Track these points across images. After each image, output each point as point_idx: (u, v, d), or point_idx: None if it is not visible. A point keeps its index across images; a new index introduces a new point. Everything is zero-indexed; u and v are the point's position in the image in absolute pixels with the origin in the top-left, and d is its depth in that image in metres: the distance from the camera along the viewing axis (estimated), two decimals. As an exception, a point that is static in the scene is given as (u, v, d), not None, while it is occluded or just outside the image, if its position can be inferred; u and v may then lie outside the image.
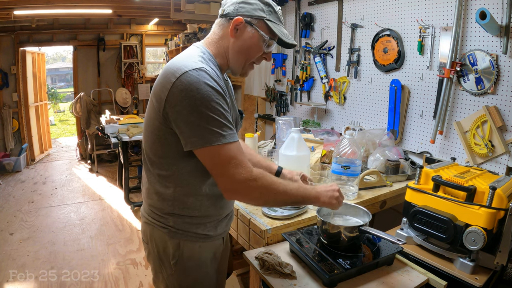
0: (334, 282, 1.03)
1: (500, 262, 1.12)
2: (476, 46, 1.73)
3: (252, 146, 2.04)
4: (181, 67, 0.91)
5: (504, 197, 1.10)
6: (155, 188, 1.05)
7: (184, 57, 0.97)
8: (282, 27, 1.05)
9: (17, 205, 3.91)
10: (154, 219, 1.07)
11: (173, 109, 0.90)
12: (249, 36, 1.01)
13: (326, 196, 1.08)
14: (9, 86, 5.21)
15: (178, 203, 1.03)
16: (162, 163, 1.01)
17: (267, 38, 1.01)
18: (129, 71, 6.01)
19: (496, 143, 1.66)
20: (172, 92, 0.89)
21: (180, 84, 0.88)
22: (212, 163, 0.93)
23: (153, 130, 0.98)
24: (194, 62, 0.93)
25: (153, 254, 1.10)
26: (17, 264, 2.68)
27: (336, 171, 1.48)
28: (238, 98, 4.35)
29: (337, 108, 2.70)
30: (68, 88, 15.66)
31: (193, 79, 0.89)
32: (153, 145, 1.01)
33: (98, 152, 5.35)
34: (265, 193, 0.96)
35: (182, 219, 1.05)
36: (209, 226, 1.08)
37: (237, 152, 0.92)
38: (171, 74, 0.90)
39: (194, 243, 1.07)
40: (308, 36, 2.89)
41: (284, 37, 1.03)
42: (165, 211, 1.05)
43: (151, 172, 1.05)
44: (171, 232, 1.05)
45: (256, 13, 1.00)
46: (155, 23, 6.02)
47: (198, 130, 0.89)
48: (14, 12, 4.15)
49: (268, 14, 1.01)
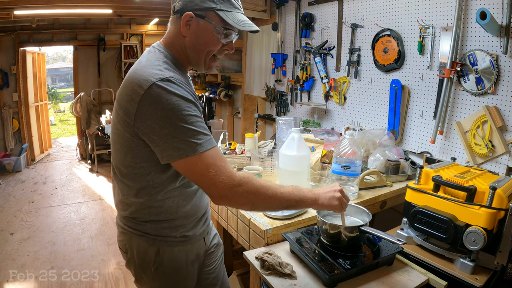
0: (334, 282, 1.03)
1: (500, 262, 1.12)
2: (476, 46, 1.73)
3: (252, 146, 2.04)
4: (147, 77, 0.87)
5: (504, 197, 1.10)
6: (129, 199, 1.02)
7: (148, 64, 0.92)
8: (238, 13, 0.98)
9: (17, 205, 3.91)
10: (131, 228, 1.05)
11: (144, 123, 0.87)
12: (202, 29, 0.95)
13: (325, 198, 1.03)
14: (10, 86, 5.21)
15: (154, 209, 1.01)
16: (136, 174, 0.98)
17: (221, 29, 0.95)
18: (129, 71, 6.00)
19: (496, 143, 1.66)
20: (141, 105, 0.86)
21: (149, 97, 0.85)
22: (192, 173, 0.90)
23: (124, 142, 0.95)
24: (159, 70, 0.89)
25: (133, 262, 1.08)
26: (17, 264, 2.68)
27: (336, 171, 1.48)
28: (238, 98, 4.35)
29: (337, 108, 2.70)
30: (68, 88, 15.67)
31: (161, 91, 0.85)
32: (125, 158, 0.97)
33: (98, 152, 5.35)
34: (252, 198, 0.92)
35: (160, 224, 1.03)
36: (187, 227, 1.07)
37: (216, 158, 0.89)
38: (138, 86, 0.86)
39: (173, 247, 1.06)
40: (308, 36, 2.89)
41: (239, 25, 0.96)
42: (142, 219, 1.03)
43: (124, 183, 1.01)
44: (150, 239, 1.03)
45: (205, 4, 0.93)
46: (155, 23, 6.02)
47: (173, 143, 0.86)
48: (14, 12, 4.15)
49: (219, 4, 0.94)
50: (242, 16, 0.99)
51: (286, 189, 0.98)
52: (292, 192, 0.99)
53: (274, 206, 0.99)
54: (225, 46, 1.01)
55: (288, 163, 1.52)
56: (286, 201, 0.97)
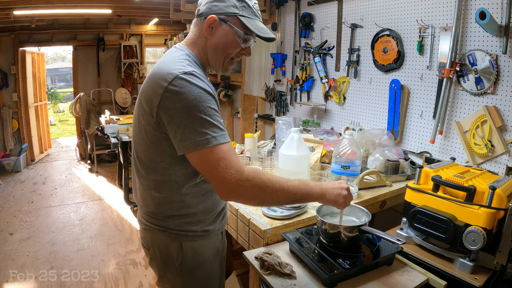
0: (334, 282, 1.03)
1: (500, 262, 1.12)
2: (476, 46, 1.73)
3: (252, 146, 2.04)
4: (171, 71, 0.91)
5: (503, 197, 1.10)
6: (151, 194, 1.05)
7: (171, 60, 0.98)
8: (258, 21, 1.05)
9: (17, 205, 3.91)
10: (153, 224, 1.07)
11: (166, 114, 0.91)
12: (224, 33, 1.01)
13: (333, 194, 1.04)
14: (9, 86, 5.21)
15: (176, 204, 1.04)
16: (158, 168, 1.01)
17: (241, 33, 1.02)
18: (129, 71, 6.00)
19: (496, 143, 1.66)
20: (165, 97, 0.90)
21: (172, 88, 0.89)
22: (203, 165, 0.92)
23: (146, 136, 0.98)
24: (182, 65, 0.94)
25: (156, 259, 1.10)
26: (17, 264, 2.68)
27: (335, 171, 1.48)
28: (238, 98, 4.35)
29: (336, 108, 2.70)
30: (67, 88, 15.65)
31: (185, 83, 0.90)
32: (148, 151, 1.00)
33: (97, 152, 5.35)
34: (260, 192, 0.93)
35: (181, 219, 1.05)
36: (208, 222, 1.09)
37: (228, 152, 0.91)
38: (162, 79, 0.91)
39: (195, 242, 1.08)
40: (308, 36, 2.89)
41: (259, 31, 1.03)
42: (163, 215, 1.05)
43: (146, 178, 1.04)
44: (172, 235, 1.06)
45: (229, 10, 1.00)
46: (154, 23, 6.02)
47: (190, 134, 0.89)
48: (14, 12, 4.15)
49: (242, 10, 1.01)
50: (261, 24, 1.06)
51: (293, 183, 0.99)
52: (299, 186, 1.00)
53: (282, 200, 1.00)
54: (243, 50, 1.07)
55: (287, 163, 1.52)
56: (293, 195, 0.98)
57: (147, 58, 7.44)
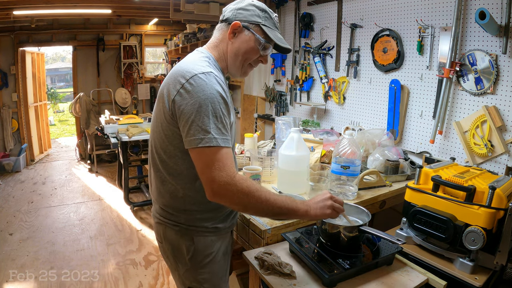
0: (333, 282, 1.03)
1: (499, 262, 1.12)
2: (476, 46, 1.73)
3: (252, 146, 2.04)
4: (191, 70, 0.97)
5: (503, 197, 1.10)
6: (166, 187, 1.09)
7: (192, 61, 1.04)
8: (278, 33, 1.12)
9: (16, 205, 3.91)
10: (166, 218, 1.12)
11: (179, 108, 0.96)
12: (246, 39, 1.08)
13: (317, 208, 1.03)
14: (9, 86, 5.21)
15: (189, 199, 1.08)
16: (172, 162, 1.05)
17: (263, 41, 1.08)
18: (129, 71, 6.00)
19: (496, 143, 1.66)
20: (180, 93, 0.95)
21: (189, 85, 0.95)
22: (199, 162, 0.96)
23: (163, 130, 1.04)
24: (202, 66, 1.00)
25: (168, 253, 1.15)
26: (16, 264, 2.68)
27: (335, 171, 1.48)
28: (238, 98, 4.35)
29: (336, 108, 2.70)
30: (67, 88, 15.64)
31: (202, 82, 0.95)
32: (163, 144, 1.05)
33: (97, 152, 5.34)
34: (245, 199, 0.94)
35: (193, 215, 1.09)
36: (219, 219, 1.13)
37: (225, 156, 0.94)
38: (181, 76, 0.97)
39: (206, 237, 1.12)
40: (308, 36, 2.89)
41: (278, 41, 1.10)
42: (177, 209, 1.10)
43: (162, 172, 1.09)
44: (183, 229, 1.10)
45: (253, 18, 1.07)
46: (154, 23, 6.02)
47: (196, 131, 0.93)
48: (13, 12, 4.14)
49: (264, 20, 1.08)
50: (280, 35, 1.13)
51: (280, 198, 1.01)
52: (284, 201, 1.00)
53: (265, 211, 1.00)
54: (261, 57, 1.13)
55: (287, 163, 1.52)
56: (278, 208, 0.98)
57: (147, 58, 7.45)
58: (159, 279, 2.54)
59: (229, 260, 1.24)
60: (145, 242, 3.11)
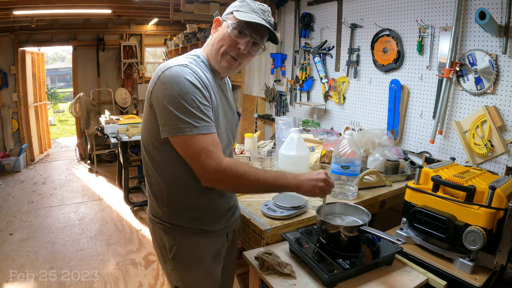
0: (333, 282, 1.03)
1: (499, 262, 1.12)
2: (476, 46, 1.73)
3: (252, 146, 2.04)
4: (169, 63, 1.00)
5: (503, 197, 1.10)
6: (152, 184, 1.11)
7: (177, 57, 1.06)
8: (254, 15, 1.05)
9: (16, 205, 3.91)
10: (154, 217, 1.14)
11: (156, 99, 0.98)
12: (221, 29, 1.09)
13: (308, 185, 1.07)
14: (9, 86, 5.21)
15: (172, 197, 1.09)
16: (155, 152, 1.07)
17: (232, 23, 1.04)
18: (129, 71, 6.00)
19: (496, 143, 1.66)
20: (156, 84, 0.98)
21: (163, 77, 0.97)
22: (185, 152, 0.98)
23: (146, 123, 1.07)
24: (181, 60, 1.02)
25: (157, 251, 1.17)
26: (16, 264, 2.68)
27: (335, 171, 1.48)
28: (238, 98, 4.35)
29: (336, 108, 2.70)
30: (67, 88, 15.64)
31: (175, 73, 0.97)
32: (147, 135, 1.08)
33: (97, 152, 5.34)
34: (235, 182, 1.00)
35: (177, 214, 1.09)
36: (206, 221, 1.12)
37: (209, 143, 0.97)
38: (159, 70, 1.00)
39: (190, 238, 1.11)
40: (308, 36, 2.89)
41: (246, 18, 1.02)
42: (160, 207, 1.10)
43: (149, 166, 1.10)
44: (166, 228, 1.10)
45: (230, 9, 1.09)
46: (154, 23, 6.02)
47: (173, 120, 0.95)
48: (13, 12, 4.14)
49: (240, 8, 1.07)
50: (255, 15, 1.05)
51: (270, 175, 1.04)
52: (275, 178, 1.04)
53: (257, 190, 1.09)
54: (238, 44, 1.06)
55: (287, 163, 1.52)
56: (269, 185, 1.03)
57: (147, 58, 7.45)
58: (159, 279, 2.54)
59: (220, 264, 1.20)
60: (145, 242, 3.11)
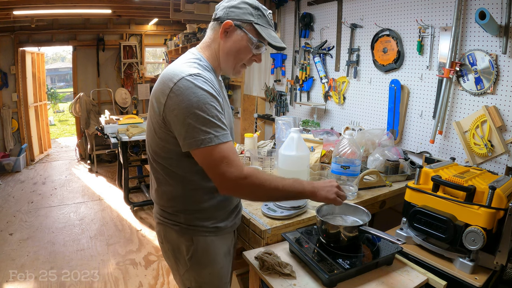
0: (333, 282, 1.03)
1: (499, 262, 1.12)
2: (476, 46, 1.73)
3: (252, 146, 2.04)
4: (178, 73, 0.97)
5: (503, 197, 1.10)
6: (164, 188, 1.10)
7: (180, 63, 1.03)
8: (271, 31, 1.09)
9: (16, 205, 3.90)
10: (166, 218, 1.13)
11: (171, 113, 0.96)
12: (238, 39, 1.05)
13: (324, 191, 1.10)
14: (9, 86, 5.20)
15: (187, 198, 1.09)
16: (167, 164, 1.06)
17: (255, 40, 1.06)
18: (129, 71, 6.00)
19: (496, 143, 1.66)
20: (170, 97, 0.95)
21: (177, 89, 0.94)
22: (206, 162, 0.97)
23: (155, 133, 1.04)
24: (190, 68, 0.99)
25: (169, 253, 1.16)
26: (16, 264, 2.68)
27: (335, 171, 1.48)
28: (238, 98, 4.35)
29: (336, 108, 2.70)
30: (67, 88, 15.63)
31: (189, 84, 0.94)
32: (156, 147, 1.06)
33: (97, 152, 5.34)
34: (255, 190, 1.01)
35: (192, 214, 1.10)
36: (219, 219, 1.13)
37: (229, 151, 0.97)
38: (169, 80, 0.97)
39: (206, 237, 1.12)
40: (308, 36, 2.89)
41: (272, 40, 1.07)
42: (175, 209, 1.10)
43: (159, 172, 1.09)
44: (183, 229, 1.10)
45: (245, 17, 1.05)
46: (154, 23, 6.01)
47: (194, 133, 0.94)
48: (13, 12, 4.14)
49: (257, 18, 1.05)
50: (274, 33, 1.10)
51: (288, 182, 1.05)
52: (292, 185, 1.06)
53: (276, 197, 1.12)
54: (254, 56, 1.11)
55: (287, 163, 1.52)
56: (287, 193, 1.05)
57: (147, 58, 7.45)
58: (159, 279, 2.54)
59: (231, 262, 1.23)
60: (145, 242, 3.11)
